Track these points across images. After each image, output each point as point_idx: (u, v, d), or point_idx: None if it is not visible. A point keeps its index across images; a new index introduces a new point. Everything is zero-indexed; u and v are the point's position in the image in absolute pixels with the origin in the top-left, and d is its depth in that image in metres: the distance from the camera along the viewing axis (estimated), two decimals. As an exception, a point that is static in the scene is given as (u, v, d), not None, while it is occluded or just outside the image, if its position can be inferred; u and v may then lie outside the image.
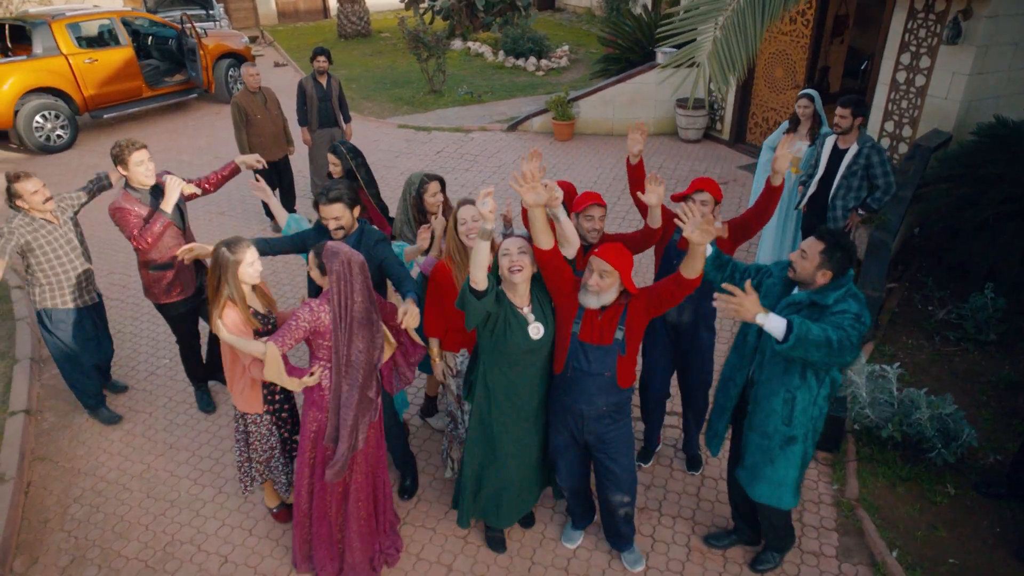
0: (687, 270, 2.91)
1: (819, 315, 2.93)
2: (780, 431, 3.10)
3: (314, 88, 7.12)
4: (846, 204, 5.05)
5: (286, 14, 20.18)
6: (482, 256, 2.90)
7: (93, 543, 3.90)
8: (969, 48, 6.35)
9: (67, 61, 10.04)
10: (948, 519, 3.91)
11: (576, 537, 3.79)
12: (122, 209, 4.12)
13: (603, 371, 3.15)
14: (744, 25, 3.08)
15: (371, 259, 3.62)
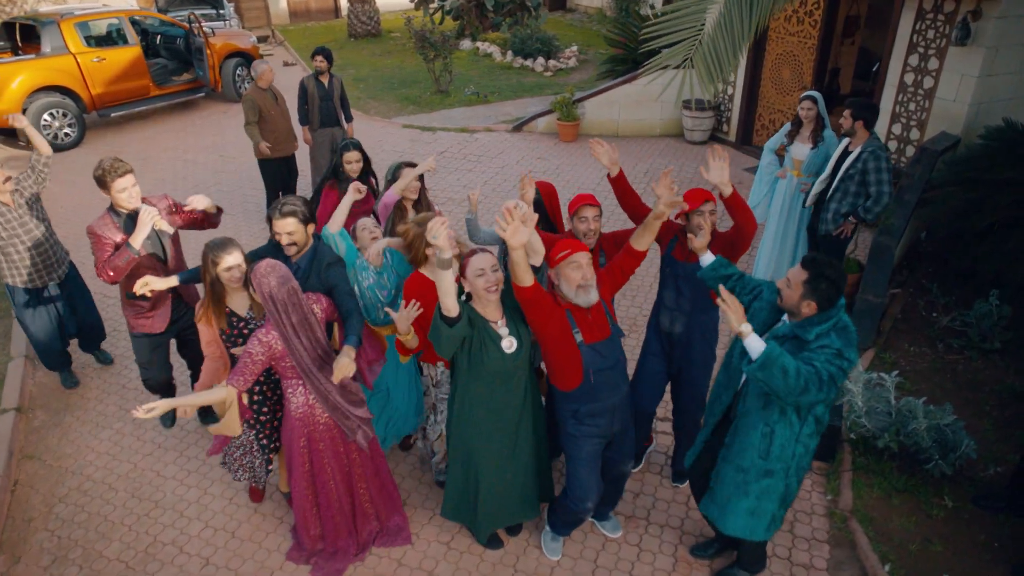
0: (638, 242, 3.13)
1: (799, 350, 2.79)
2: (756, 465, 2.97)
3: (315, 87, 7.11)
4: (839, 208, 4.94)
5: (297, 13, 20.24)
6: (447, 284, 2.84)
7: (76, 543, 3.89)
8: (978, 49, 6.21)
9: (75, 60, 10.10)
10: (944, 533, 3.80)
11: (559, 548, 3.72)
12: (96, 235, 3.85)
13: (617, 358, 3.24)
14: (731, 25, 2.99)
15: (321, 282, 3.53)
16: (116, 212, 3.95)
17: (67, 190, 8.75)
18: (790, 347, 2.84)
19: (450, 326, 2.91)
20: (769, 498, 3.01)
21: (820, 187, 5.11)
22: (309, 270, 3.55)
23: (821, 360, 2.67)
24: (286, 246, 3.56)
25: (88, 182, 8.97)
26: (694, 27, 3.09)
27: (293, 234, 3.51)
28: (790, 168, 5.62)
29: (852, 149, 4.96)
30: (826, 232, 5.05)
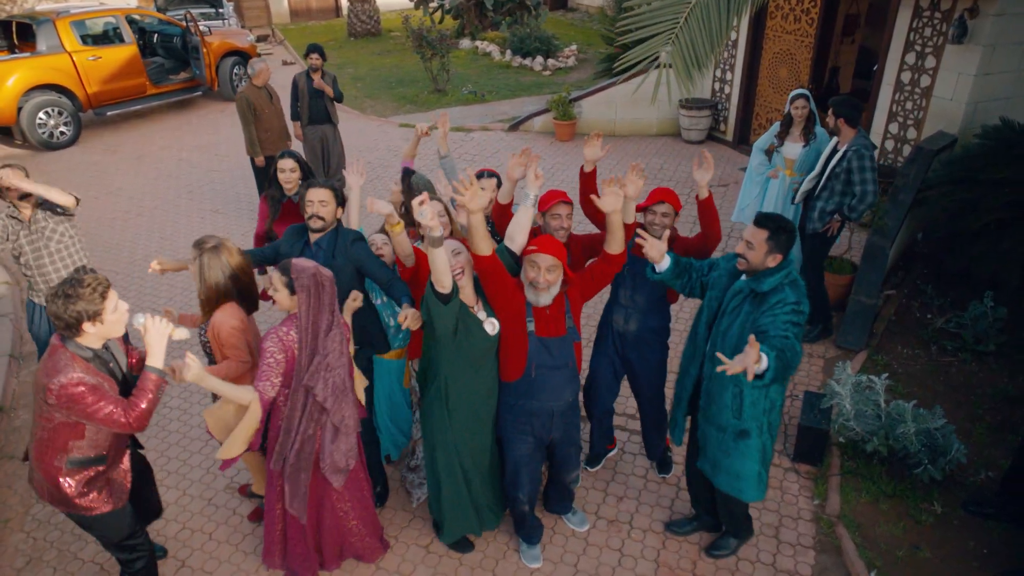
0: (609, 245, 3.05)
1: (759, 305, 2.91)
2: (732, 424, 3.10)
3: (307, 84, 7.07)
4: (825, 206, 4.87)
5: (298, 12, 20.24)
6: (440, 261, 2.82)
7: (51, 544, 3.84)
8: (975, 48, 6.13)
9: (71, 58, 10.09)
10: (933, 539, 3.73)
11: (538, 555, 3.65)
12: (84, 388, 2.60)
13: (567, 361, 3.18)
14: (709, 20, 2.93)
15: (348, 259, 3.51)
16: (79, 345, 2.66)
17: (60, 189, 8.71)
18: (749, 305, 2.96)
19: (444, 303, 2.90)
20: (750, 458, 3.11)
21: (809, 185, 5.04)
22: (333, 248, 3.52)
23: (781, 322, 2.78)
24: (313, 217, 3.49)
25: (83, 180, 8.97)
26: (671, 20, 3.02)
27: (325, 203, 3.47)
28: (781, 167, 5.54)
29: (840, 147, 4.88)
30: (812, 230, 4.97)
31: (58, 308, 2.57)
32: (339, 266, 3.50)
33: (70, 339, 2.66)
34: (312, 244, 3.60)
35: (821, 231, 4.93)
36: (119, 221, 7.83)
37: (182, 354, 3.45)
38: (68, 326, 2.61)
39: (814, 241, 5.04)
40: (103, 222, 7.79)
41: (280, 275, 3.02)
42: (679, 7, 2.99)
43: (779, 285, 2.90)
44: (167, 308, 3.35)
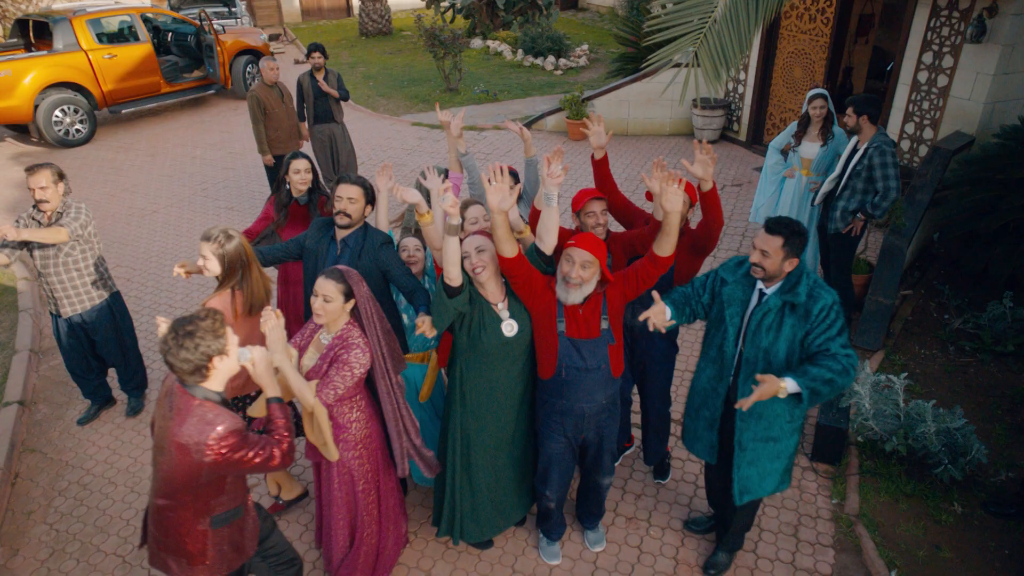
0: (660, 247, 2.90)
1: (803, 315, 2.87)
2: (785, 429, 3.07)
3: (310, 84, 7.09)
4: (847, 206, 4.85)
5: (309, 12, 20.31)
6: (452, 252, 2.83)
7: (74, 537, 3.88)
8: (994, 47, 6.09)
9: (87, 57, 10.17)
10: (953, 539, 3.71)
11: (557, 552, 3.66)
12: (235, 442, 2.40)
13: (598, 364, 3.10)
14: (737, 19, 2.92)
15: (375, 262, 3.49)
16: (205, 391, 2.44)
17: (76, 186, 8.79)
18: (792, 320, 2.89)
19: (450, 296, 2.90)
20: (793, 448, 3.16)
21: (830, 186, 5.03)
22: (360, 248, 3.49)
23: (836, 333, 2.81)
24: (341, 213, 3.46)
25: (99, 178, 9.04)
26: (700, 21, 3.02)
27: (354, 200, 3.44)
28: (798, 167, 5.53)
29: (859, 146, 4.87)
30: (835, 231, 4.96)
31: (186, 353, 2.30)
32: (364, 267, 3.49)
33: (197, 386, 2.39)
34: (339, 241, 3.57)
35: (844, 231, 4.92)
36: (135, 218, 7.88)
37: None
38: (196, 369, 2.34)
39: (839, 242, 5.03)
40: (118, 218, 7.84)
41: (336, 283, 2.87)
42: (707, 7, 2.98)
43: (812, 290, 2.87)
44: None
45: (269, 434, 2.51)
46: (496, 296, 3.09)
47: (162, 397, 2.51)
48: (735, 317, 3.06)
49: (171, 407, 2.39)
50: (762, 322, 2.95)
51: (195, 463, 2.31)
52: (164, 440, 2.38)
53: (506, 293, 3.13)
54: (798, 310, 2.89)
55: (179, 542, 2.49)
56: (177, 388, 2.41)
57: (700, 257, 3.52)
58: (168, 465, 2.38)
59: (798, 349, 2.93)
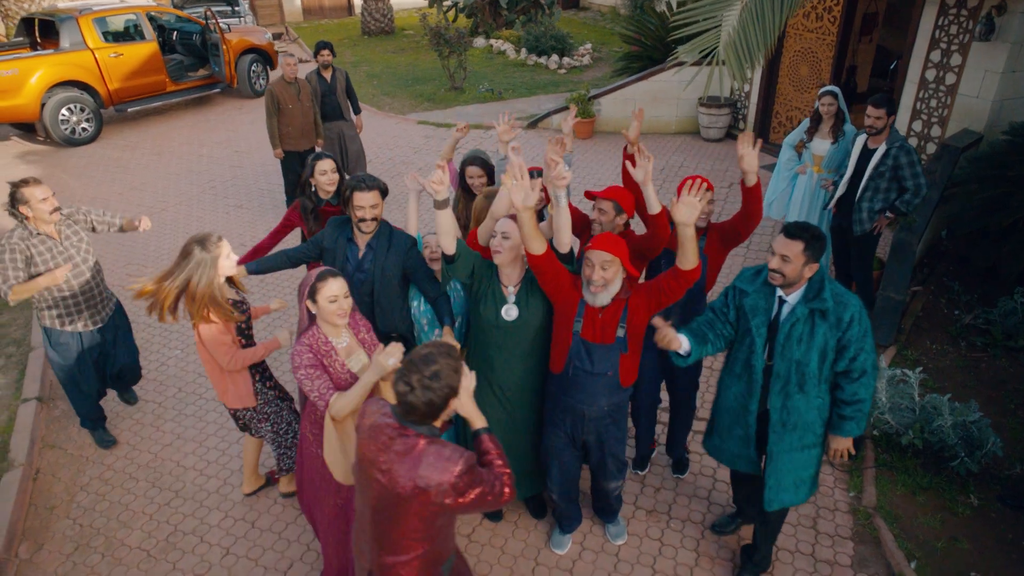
0: (682, 261, 2.86)
1: (834, 323, 2.87)
2: (817, 434, 3.08)
3: (318, 82, 7.12)
4: (872, 206, 4.89)
5: (311, 11, 20.31)
6: (444, 223, 2.96)
7: (98, 531, 3.90)
8: (1003, 45, 6.14)
9: (93, 55, 10.16)
10: (970, 531, 3.75)
11: (565, 543, 3.69)
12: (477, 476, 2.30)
13: (606, 370, 3.09)
14: (763, 14, 2.95)
15: (404, 265, 3.49)
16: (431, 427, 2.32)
17: (83, 184, 8.80)
18: (824, 327, 2.88)
19: (448, 262, 3.09)
20: (812, 463, 3.15)
21: (844, 189, 5.06)
22: (388, 249, 3.49)
23: (856, 348, 2.85)
24: (366, 221, 3.44)
25: (106, 176, 9.04)
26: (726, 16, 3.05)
27: (377, 208, 3.43)
28: (810, 164, 5.57)
29: (874, 146, 4.89)
30: (862, 231, 4.98)
31: (431, 395, 2.13)
32: (388, 269, 3.50)
33: (422, 424, 2.20)
34: (361, 245, 3.56)
35: (872, 231, 4.96)
36: (143, 215, 7.87)
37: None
38: (435, 411, 2.18)
39: (863, 242, 5.07)
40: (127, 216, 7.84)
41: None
42: (731, 2, 3.01)
43: (838, 297, 2.87)
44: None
45: (487, 468, 2.28)
46: (509, 279, 3.17)
47: (366, 442, 2.26)
48: (761, 328, 3.02)
49: (386, 450, 2.18)
50: (791, 333, 2.92)
51: (434, 506, 2.14)
52: (390, 490, 2.16)
53: (522, 281, 3.19)
54: (828, 317, 2.87)
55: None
56: (391, 428, 2.20)
57: (729, 248, 3.54)
58: (397, 515, 2.19)
59: (830, 356, 2.92)
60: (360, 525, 2.36)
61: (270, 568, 3.65)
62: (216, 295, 3.19)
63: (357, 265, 3.56)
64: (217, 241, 3.23)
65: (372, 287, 3.54)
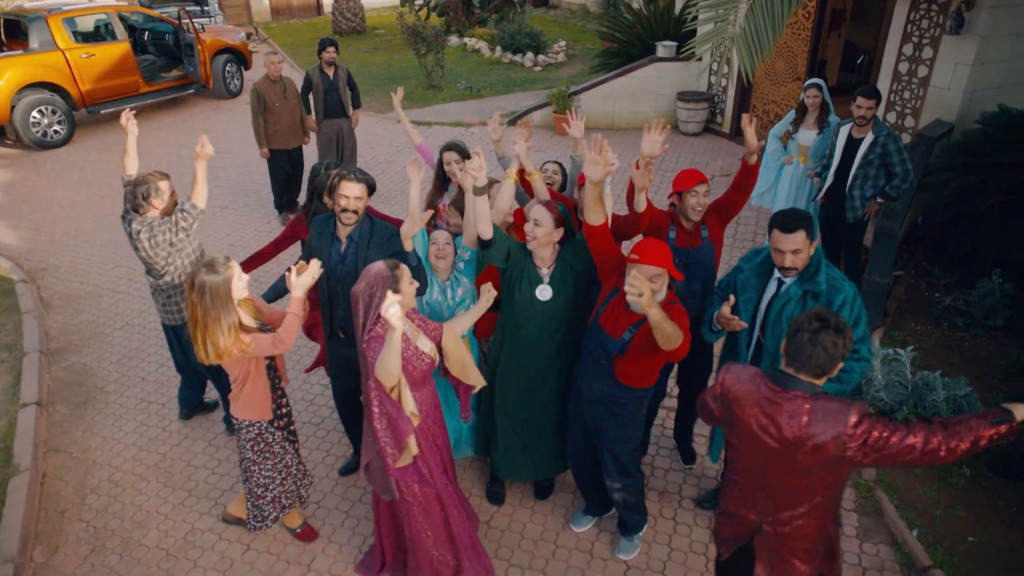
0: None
1: (824, 304, 2.96)
2: None
3: (320, 79, 7.11)
4: (864, 193, 5.08)
5: (279, 11, 20.08)
6: (483, 209, 3.07)
7: (113, 532, 3.87)
8: (972, 38, 6.40)
9: (64, 56, 9.95)
10: (965, 499, 3.95)
11: (584, 522, 3.79)
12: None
13: (601, 359, 3.14)
14: (772, 6, 3.08)
15: (382, 254, 3.49)
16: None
17: (60, 188, 8.63)
18: (811, 304, 2.98)
19: (484, 248, 3.20)
20: None
21: (832, 180, 5.24)
22: (369, 240, 3.52)
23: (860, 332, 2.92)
24: (348, 212, 3.42)
25: (84, 179, 8.88)
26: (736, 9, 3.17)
27: (361, 200, 3.44)
28: (796, 154, 5.75)
29: (859, 136, 5.08)
30: (854, 219, 5.16)
31: (834, 351, 2.22)
32: (371, 259, 3.49)
33: (803, 380, 2.28)
34: (343, 238, 3.55)
35: (864, 217, 5.15)
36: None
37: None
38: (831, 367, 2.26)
39: (854, 228, 5.26)
40: (111, 219, 7.72)
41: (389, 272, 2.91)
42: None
43: (832, 281, 2.97)
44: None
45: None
46: (543, 262, 3.28)
47: (749, 408, 2.36)
48: (748, 304, 3.15)
49: (775, 414, 2.28)
50: (782, 311, 3.04)
51: (834, 459, 2.22)
52: (784, 450, 2.28)
53: (555, 262, 3.28)
54: (820, 299, 2.98)
55: (812, 548, 2.42)
56: (771, 391, 2.30)
57: (726, 223, 3.72)
58: (794, 472, 2.29)
59: None
60: (749, 484, 2.47)
61: (293, 562, 3.67)
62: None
63: (340, 258, 3.56)
64: (225, 262, 3.03)
65: (356, 278, 3.52)
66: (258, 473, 3.41)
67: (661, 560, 3.64)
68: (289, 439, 3.48)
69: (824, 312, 2.25)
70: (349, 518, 3.92)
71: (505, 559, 3.66)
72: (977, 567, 3.56)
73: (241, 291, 3.08)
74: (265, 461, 3.40)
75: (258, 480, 3.42)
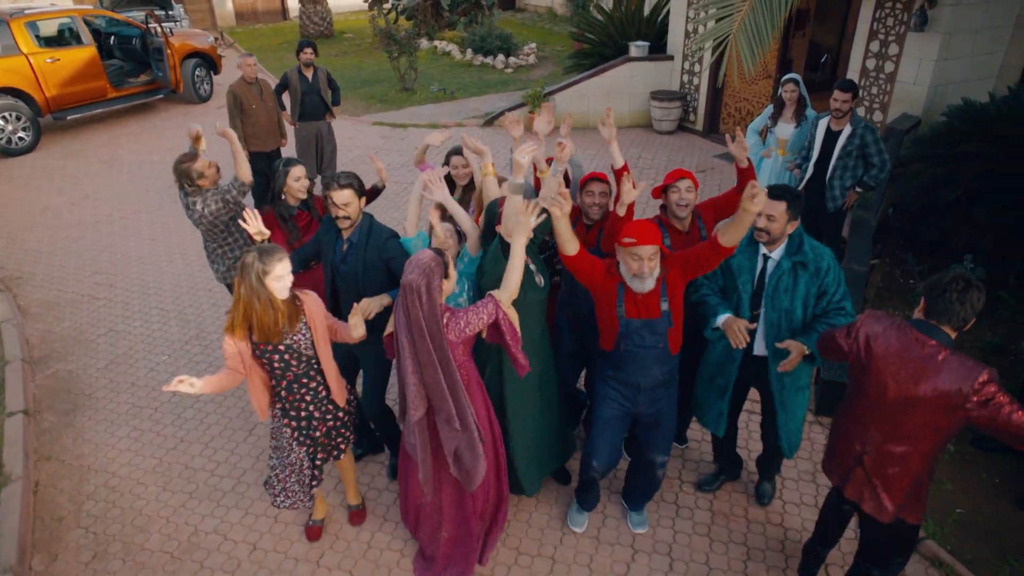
0: (728, 238, 2.95)
1: (814, 272, 3.20)
2: (807, 372, 3.40)
3: (299, 81, 7.08)
4: (843, 183, 5.25)
5: (244, 15, 19.86)
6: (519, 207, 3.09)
7: (113, 538, 3.81)
8: (935, 35, 6.67)
9: (28, 61, 9.72)
10: (951, 474, 4.11)
11: (583, 520, 3.81)
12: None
13: (656, 343, 3.22)
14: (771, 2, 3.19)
15: (380, 255, 3.55)
16: None
17: (29, 194, 8.43)
18: (805, 277, 3.20)
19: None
20: (802, 407, 3.47)
21: (812, 171, 5.40)
22: (366, 244, 3.55)
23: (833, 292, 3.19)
24: (340, 219, 3.50)
25: (53, 186, 8.68)
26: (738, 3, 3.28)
27: (348, 206, 3.47)
28: (774, 147, 5.92)
29: (838, 128, 5.25)
30: (835, 208, 5.33)
31: (972, 305, 2.49)
32: (370, 261, 3.55)
33: (946, 336, 2.54)
34: (344, 240, 3.62)
35: (842, 207, 5.31)
36: (103, 224, 7.63)
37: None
38: (964, 323, 2.53)
39: (835, 218, 5.42)
40: (86, 226, 7.58)
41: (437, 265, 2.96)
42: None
43: (815, 249, 3.20)
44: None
45: None
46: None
47: (886, 346, 2.62)
48: (747, 284, 3.31)
49: (908, 356, 2.55)
50: (778, 285, 3.23)
51: (953, 409, 2.47)
52: (909, 390, 2.55)
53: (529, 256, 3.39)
54: (808, 267, 3.19)
55: (902, 485, 2.69)
56: (911, 336, 2.56)
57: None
58: (913, 411, 2.56)
59: (812, 304, 3.24)
60: (863, 418, 2.74)
61: (301, 559, 3.66)
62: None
63: (342, 258, 3.63)
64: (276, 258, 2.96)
65: (356, 280, 3.59)
66: (272, 458, 3.46)
67: (666, 543, 3.72)
68: (299, 439, 3.38)
69: (963, 273, 2.52)
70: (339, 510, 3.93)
71: (513, 547, 3.70)
72: (965, 537, 3.72)
73: (281, 291, 3.00)
74: (275, 451, 3.42)
75: (271, 464, 3.46)
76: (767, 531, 3.78)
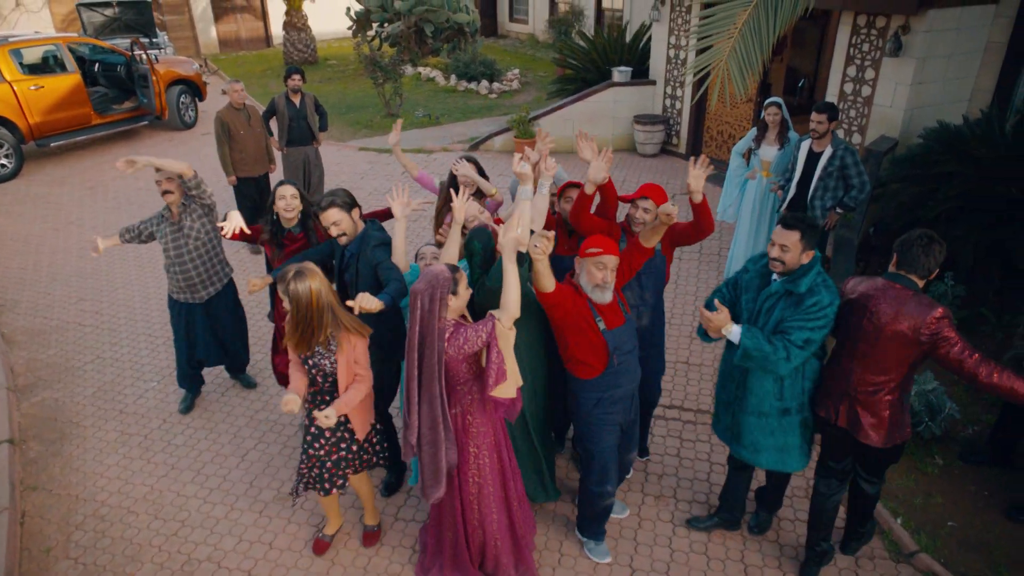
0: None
1: (796, 304, 3.11)
2: (775, 406, 3.32)
3: (287, 107, 7.12)
4: (824, 204, 5.37)
5: (227, 43, 19.94)
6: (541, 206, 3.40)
7: (104, 568, 3.75)
8: (910, 60, 6.87)
9: (11, 88, 9.68)
10: (941, 487, 4.17)
11: (605, 551, 3.75)
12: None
13: (634, 344, 3.41)
14: (759, 27, 3.30)
15: (367, 262, 3.61)
16: None
17: (11, 222, 8.35)
18: (784, 304, 3.15)
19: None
20: (792, 432, 3.36)
21: (794, 191, 5.52)
22: (358, 252, 3.62)
23: (797, 325, 3.07)
24: (337, 237, 3.63)
25: (37, 213, 8.61)
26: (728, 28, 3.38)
27: (339, 223, 3.56)
28: (758, 169, 6.04)
29: (819, 150, 5.39)
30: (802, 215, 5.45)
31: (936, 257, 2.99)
32: (362, 269, 3.64)
33: (911, 282, 3.04)
34: (346, 251, 3.76)
35: (824, 227, 5.42)
36: (87, 250, 7.56)
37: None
38: (929, 272, 3.03)
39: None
40: (70, 252, 7.51)
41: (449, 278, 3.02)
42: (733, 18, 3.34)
43: (815, 285, 3.10)
44: None
45: None
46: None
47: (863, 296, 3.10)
48: (749, 303, 3.34)
49: (879, 299, 3.02)
50: (763, 306, 3.24)
51: (912, 340, 2.93)
52: (878, 328, 3.01)
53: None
54: (792, 298, 3.14)
55: (877, 411, 3.14)
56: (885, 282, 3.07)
57: (676, 247, 3.84)
58: (883, 346, 3.01)
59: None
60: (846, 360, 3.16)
61: (297, 585, 3.62)
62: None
63: (345, 266, 3.80)
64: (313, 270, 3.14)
65: (356, 288, 3.69)
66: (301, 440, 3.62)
67: (664, 562, 3.72)
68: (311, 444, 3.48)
69: (927, 231, 2.99)
70: (357, 527, 3.89)
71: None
72: (958, 549, 3.77)
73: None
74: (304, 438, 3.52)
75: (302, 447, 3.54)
76: (763, 548, 3.81)
